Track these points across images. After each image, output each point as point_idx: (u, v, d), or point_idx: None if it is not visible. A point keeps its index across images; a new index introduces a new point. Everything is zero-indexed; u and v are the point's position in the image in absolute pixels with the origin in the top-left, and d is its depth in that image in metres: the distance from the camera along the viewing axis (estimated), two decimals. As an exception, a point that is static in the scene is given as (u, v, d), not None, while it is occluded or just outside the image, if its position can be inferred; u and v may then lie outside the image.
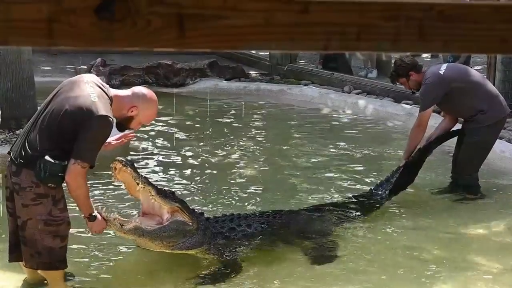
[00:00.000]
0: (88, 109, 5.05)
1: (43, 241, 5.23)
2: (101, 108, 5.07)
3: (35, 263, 5.32)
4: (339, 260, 6.37)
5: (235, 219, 6.59)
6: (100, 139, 5.16)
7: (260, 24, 1.33)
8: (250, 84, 14.27)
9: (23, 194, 5.15)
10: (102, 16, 1.29)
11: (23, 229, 5.23)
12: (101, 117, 5.05)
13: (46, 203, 5.16)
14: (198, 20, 1.32)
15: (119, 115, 5.36)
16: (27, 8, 1.29)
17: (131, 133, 6.06)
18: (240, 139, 10.74)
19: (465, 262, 6.44)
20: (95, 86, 5.22)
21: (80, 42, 1.32)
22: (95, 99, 5.10)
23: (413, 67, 7.88)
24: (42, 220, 5.18)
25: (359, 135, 11.13)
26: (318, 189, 8.43)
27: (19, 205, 5.20)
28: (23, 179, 5.15)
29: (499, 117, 7.95)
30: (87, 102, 5.07)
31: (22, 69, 9.01)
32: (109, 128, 5.15)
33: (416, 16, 1.35)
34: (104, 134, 5.16)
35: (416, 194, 8.22)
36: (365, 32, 1.35)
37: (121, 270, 6.20)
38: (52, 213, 5.19)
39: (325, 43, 1.35)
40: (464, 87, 7.76)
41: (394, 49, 1.39)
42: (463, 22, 1.35)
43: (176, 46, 1.33)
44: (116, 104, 5.30)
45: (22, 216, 5.21)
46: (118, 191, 7.69)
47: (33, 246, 5.24)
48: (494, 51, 1.40)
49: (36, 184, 5.12)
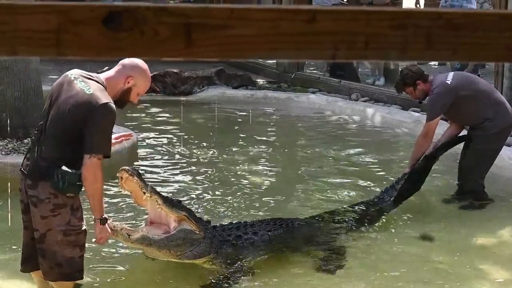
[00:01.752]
0: (87, 104, 4.98)
1: (63, 252, 5.17)
2: (100, 97, 5.00)
3: (55, 274, 5.24)
4: (346, 268, 6.36)
5: (241, 226, 6.59)
6: (108, 127, 5.07)
7: (267, 34, 1.33)
8: (258, 92, 14.29)
9: (42, 206, 5.08)
10: (109, 26, 1.29)
11: (42, 241, 5.16)
12: (103, 106, 4.97)
13: (64, 213, 5.10)
14: (205, 30, 1.32)
15: (116, 91, 5.23)
16: (36, 19, 1.30)
17: (130, 133, 6.13)
18: (247, 147, 10.74)
19: (473, 271, 6.40)
20: (85, 79, 5.13)
21: (88, 52, 1.33)
22: (89, 91, 5.03)
23: (420, 76, 7.86)
24: (61, 230, 5.12)
25: (367, 142, 11.12)
26: (326, 196, 8.42)
27: (38, 218, 5.12)
28: (40, 192, 5.08)
29: (505, 125, 7.96)
30: (84, 98, 5.00)
31: (29, 78, 9.02)
32: (113, 114, 5.05)
33: (424, 24, 1.35)
34: (110, 121, 5.06)
35: (424, 201, 8.20)
36: (373, 41, 1.35)
37: (128, 280, 6.19)
38: (70, 222, 5.13)
39: (332, 52, 1.35)
40: (471, 96, 7.76)
41: (402, 58, 1.39)
42: (471, 31, 1.35)
43: (184, 56, 1.33)
44: (110, 84, 5.20)
45: (41, 228, 5.14)
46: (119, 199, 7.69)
47: (52, 258, 5.18)
48: (501, 59, 1.40)
49: (54, 195, 5.06)
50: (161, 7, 1.31)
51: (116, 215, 7.42)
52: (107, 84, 5.19)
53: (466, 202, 8.03)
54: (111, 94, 5.17)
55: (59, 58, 1.31)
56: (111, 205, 7.76)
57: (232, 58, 1.39)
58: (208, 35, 1.33)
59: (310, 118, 12.78)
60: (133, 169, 5.79)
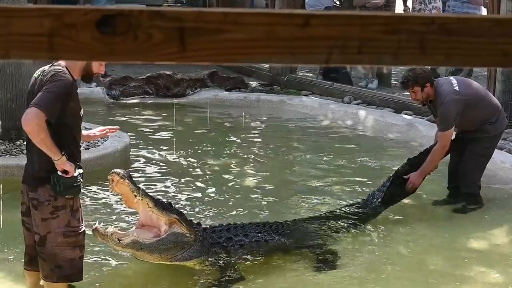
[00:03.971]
0: (39, 82, 5.08)
1: (63, 253, 5.23)
2: (51, 69, 5.08)
3: (55, 276, 5.29)
4: (338, 269, 6.37)
5: (232, 228, 6.60)
6: (56, 91, 5.01)
7: (261, 38, 1.33)
8: (250, 95, 14.28)
9: (42, 208, 5.15)
10: (103, 30, 1.29)
11: (42, 244, 5.22)
12: (52, 72, 5.03)
13: (64, 214, 5.16)
14: (199, 34, 1.32)
15: (79, 68, 5.25)
16: (29, 22, 1.29)
17: (115, 127, 6.13)
18: (240, 150, 10.75)
19: (465, 272, 6.42)
20: (41, 69, 5.20)
21: (81, 56, 1.32)
22: (39, 73, 5.15)
23: (430, 78, 7.79)
24: (61, 232, 5.18)
25: (359, 145, 11.13)
26: (318, 199, 8.43)
27: (38, 220, 5.18)
28: (40, 194, 5.15)
29: (502, 129, 8.07)
30: (37, 81, 5.12)
31: (22, 80, 9.00)
32: (65, 81, 5.05)
33: (418, 29, 1.35)
34: (59, 86, 5.03)
35: (416, 204, 8.21)
36: (366, 45, 1.35)
37: (118, 283, 6.17)
38: (70, 224, 5.20)
39: (326, 57, 1.35)
40: (474, 102, 7.76)
41: (396, 63, 1.39)
42: (465, 36, 1.35)
43: (177, 60, 1.33)
44: (70, 63, 5.18)
45: (41, 231, 5.19)
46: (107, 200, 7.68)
47: (52, 260, 5.24)
48: (495, 64, 1.40)
49: (54, 197, 5.13)
50: (155, 11, 1.30)
51: (107, 217, 7.42)
52: (68, 64, 5.19)
53: (459, 205, 8.04)
54: (76, 72, 5.22)
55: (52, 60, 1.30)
56: (103, 206, 7.76)
57: (226, 62, 1.38)
58: (202, 39, 1.33)
59: (302, 121, 12.78)
60: (124, 172, 5.79)
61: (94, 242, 6.23)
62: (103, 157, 8.89)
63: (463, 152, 7.99)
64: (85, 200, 7.72)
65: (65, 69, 5.13)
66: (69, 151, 5.14)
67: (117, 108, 13.40)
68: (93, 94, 13.29)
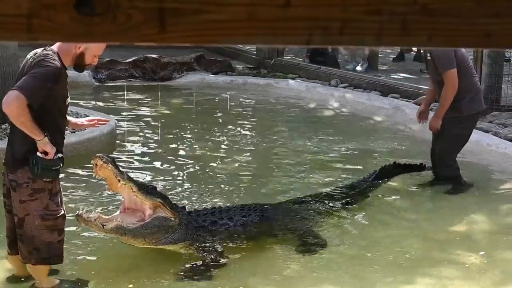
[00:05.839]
0: (29, 64, 5.08)
1: (41, 236, 5.24)
2: (41, 53, 5.07)
3: (33, 259, 5.32)
4: (322, 251, 6.38)
5: (216, 212, 6.59)
6: (40, 75, 5.01)
7: (242, 19, 1.32)
8: (237, 78, 14.27)
9: (20, 191, 5.18)
10: (81, 11, 1.27)
11: (21, 226, 5.24)
12: (42, 57, 5.03)
13: (42, 197, 5.18)
14: (179, 15, 1.31)
15: (71, 57, 5.25)
16: (7, 3, 1.28)
17: (105, 119, 6.14)
18: (226, 133, 10.75)
19: (444, 255, 6.42)
20: (34, 52, 5.19)
21: (60, 37, 1.31)
22: (31, 54, 5.14)
23: None
24: (39, 215, 5.19)
25: (346, 128, 11.14)
26: (304, 182, 8.44)
27: (17, 202, 5.21)
28: (19, 176, 5.17)
29: (478, 110, 8.10)
30: (27, 63, 5.12)
31: (8, 64, 8.96)
32: (52, 67, 5.04)
33: (399, 10, 1.34)
34: (44, 71, 5.02)
35: (400, 187, 8.23)
36: (348, 26, 1.34)
37: (103, 265, 6.15)
38: (49, 207, 5.21)
39: (307, 38, 1.34)
40: (463, 64, 7.81)
41: (378, 44, 1.37)
42: (447, 16, 1.34)
43: (157, 41, 1.31)
44: (63, 51, 5.18)
45: (19, 213, 5.22)
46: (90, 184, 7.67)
47: (30, 243, 5.26)
48: (478, 45, 1.40)
49: (32, 179, 5.14)
50: (134, -9, 1.29)
51: (93, 201, 7.40)
52: (60, 51, 5.18)
53: (443, 188, 8.06)
54: (68, 60, 5.22)
55: (33, 42, 1.29)
56: (87, 189, 7.74)
57: (206, 43, 1.37)
58: (182, 20, 1.31)
59: (289, 104, 12.78)
60: (108, 157, 5.77)
61: (77, 225, 6.21)
62: (90, 141, 8.88)
63: (439, 134, 8.03)
64: (70, 184, 7.71)
65: (55, 55, 5.11)
66: (51, 137, 5.12)
67: (103, 91, 13.36)
68: (80, 77, 13.19)
